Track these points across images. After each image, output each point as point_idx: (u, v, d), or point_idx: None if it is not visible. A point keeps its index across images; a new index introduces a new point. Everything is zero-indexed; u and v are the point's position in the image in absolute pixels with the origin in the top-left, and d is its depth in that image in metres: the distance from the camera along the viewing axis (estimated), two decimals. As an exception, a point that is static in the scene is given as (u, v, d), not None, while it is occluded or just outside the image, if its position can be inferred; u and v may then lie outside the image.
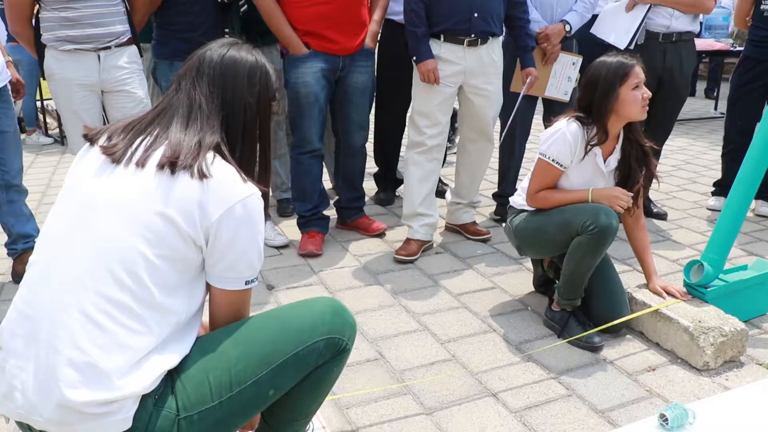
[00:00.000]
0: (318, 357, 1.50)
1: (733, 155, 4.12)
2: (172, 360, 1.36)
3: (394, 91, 4.03)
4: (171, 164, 1.35)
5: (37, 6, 2.96)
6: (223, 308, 1.49)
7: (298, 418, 1.62)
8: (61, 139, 6.21)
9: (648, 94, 2.50)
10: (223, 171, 1.39)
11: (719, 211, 3.88)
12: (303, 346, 1.47)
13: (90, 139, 1.49)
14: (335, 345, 1.52)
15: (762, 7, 3.94)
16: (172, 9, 3.26)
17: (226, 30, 3.38)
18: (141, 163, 1.37)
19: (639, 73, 2.50)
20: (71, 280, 1.31)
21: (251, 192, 1.41)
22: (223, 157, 1.43)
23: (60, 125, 6.15)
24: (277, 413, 1.57)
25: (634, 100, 2.48)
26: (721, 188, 4.25)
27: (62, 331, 1.28)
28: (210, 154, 1.40)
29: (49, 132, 6.62)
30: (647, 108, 2.53)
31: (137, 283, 1.31)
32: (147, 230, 1.32)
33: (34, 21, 3.02)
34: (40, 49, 3.02)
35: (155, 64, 3.44)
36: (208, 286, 1.47)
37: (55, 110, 6.16)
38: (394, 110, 4.20)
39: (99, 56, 3.01)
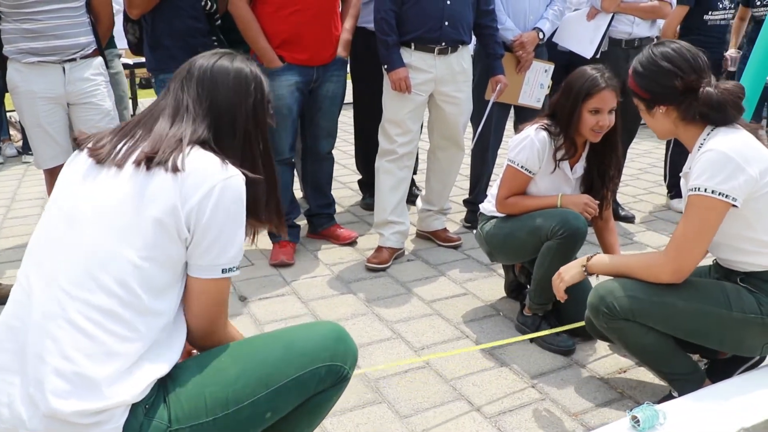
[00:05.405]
0: (318, 383, 1.47)
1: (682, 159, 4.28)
2: (161, 368, 1.33)
3: (376, 99, 4.04)
4: (147, 160, 1.34)
5: None
6: (196, 299, 1.41)
7: None
8: (26, 152, 6.08)
9: (606, 123, 2.47)
10: (200, 158, 1.38)
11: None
12: (304, 371, 1.44)
13: (79, 144, 1.48)
14: (337, 372, 1.49)
15: (706, 17, 4.11)
16: (172, 12, 3.19)
17: (214, 38, 3.37)
18: (120, 164, 1.36)
19: (605, 98, 2.45)
20: (57, 290, 1.29)
21: (231, 174, 1.39)
22: (210, 150, 1.41)
23: (24, 137, 6.03)
24: None
25: (586, 121, 2.48)
26: (678, 189, 4.37)
27: (50, 342, 1.26)
28: (188, 148, 1.38)
29: (13, 144, 6.49)
30: (600, 135, 2.50)
31: (125, 289, 1.29)
32: (131, 234, 1.31)
33: None
34: (2, 61, 2.97)
35: (163, 80, 3.27)
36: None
37: (18, 122, 6.04)
38: (376, 117, 4.20)
39: (64, 68, 2.98)
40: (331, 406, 1.57)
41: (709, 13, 4.11)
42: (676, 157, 4.37)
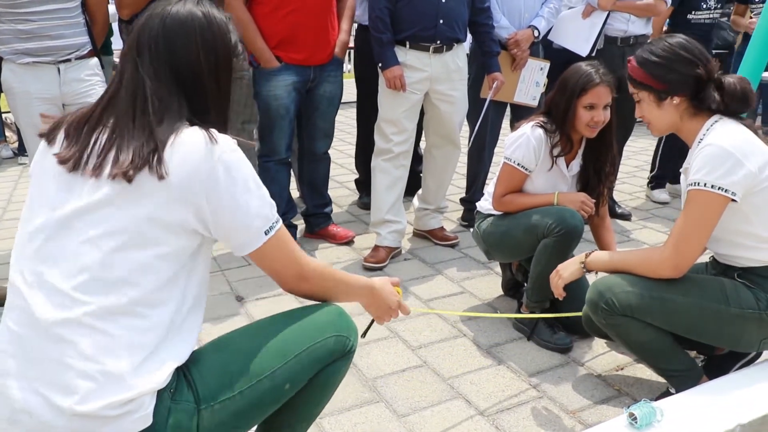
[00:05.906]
0: (329, 354, 1.53)
1: (672, 153, 4.48)
2: (181, 353, 1.35)
3: (376, 98, 4.04)
4: (124, 173, 1.29)
5: None
6: (267, 268, 1.51)
7: (301, 421, 1.63)
8: (21, 153, 6.08)
9: (601, 118, 2.48)
10: (184, 145, 1.31)
11: (668, 202, 4.44)
12: (315, 341, 1.50)
13: (48, 140, 1.41)
14: (343, 344, 1.55)
15: (689, 16, 4.22)
16: None
17: None
18: (97, 174, 1.31)
19: (600, 93, 2.46)
20: (62, 297, 1.27)
21: (222, 149, 1.33)
22: (195, 124, 1.36)
23: (19, 139, 6.02)
24: (281, 415, 1.56)
25: (581, 116, 2.49)
26: (659, 180, 4.59)
27: (67, 347, 1.25)
28: (172, 138, 1.31)
29: (9, 145, 6.49)
30: (596, 130, 2.51)
31: (130, 286, 1.29)
32: (128, 236, 1.29)
33: None
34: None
35: None
36: (206, 270, 1.46)
37: (14, 123, 6.03)
38: (375, 117, 4.19)
39: (59, 69, 2.97)
40: (339, 380, 1.61)
41: (693, 12, 4.22)
42: (667, 149, 4.50)
